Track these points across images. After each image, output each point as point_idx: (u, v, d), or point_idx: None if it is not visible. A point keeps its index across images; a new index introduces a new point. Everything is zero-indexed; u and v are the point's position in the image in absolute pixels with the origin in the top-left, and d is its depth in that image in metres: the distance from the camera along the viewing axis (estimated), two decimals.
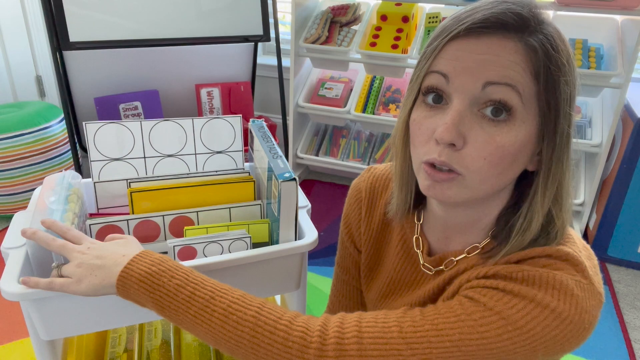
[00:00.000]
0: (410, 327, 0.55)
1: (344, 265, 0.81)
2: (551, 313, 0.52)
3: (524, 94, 0.52)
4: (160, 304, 0.57)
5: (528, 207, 0.57)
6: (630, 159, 1.88)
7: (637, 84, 2.14)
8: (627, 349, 1.62)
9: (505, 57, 0.51)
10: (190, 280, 0.58)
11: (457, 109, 0.53)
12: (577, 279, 0.54)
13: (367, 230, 0.75)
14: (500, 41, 0.51)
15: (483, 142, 0.52)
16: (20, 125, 2.05)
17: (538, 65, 0.51)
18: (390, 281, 0.73)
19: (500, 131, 0.52)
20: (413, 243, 0.69)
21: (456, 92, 0.53)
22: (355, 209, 0.77)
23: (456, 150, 0.53)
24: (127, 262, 0.59)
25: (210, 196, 0.83)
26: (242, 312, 0.56)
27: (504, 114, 0.52)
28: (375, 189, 0.75)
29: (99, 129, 0.80)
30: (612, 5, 1.76)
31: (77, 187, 0.82)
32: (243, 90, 2.38)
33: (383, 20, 2.23)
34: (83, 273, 0.59)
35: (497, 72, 0.51)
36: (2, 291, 0.63)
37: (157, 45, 2.07)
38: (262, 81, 2.75)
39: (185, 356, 0.90)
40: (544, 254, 0.56)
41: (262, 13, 2.17)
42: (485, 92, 0.52)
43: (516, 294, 0.53)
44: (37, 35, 2.61)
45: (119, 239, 0.66)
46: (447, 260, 0.65)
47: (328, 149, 2.48)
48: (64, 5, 1.82)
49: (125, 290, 0.59)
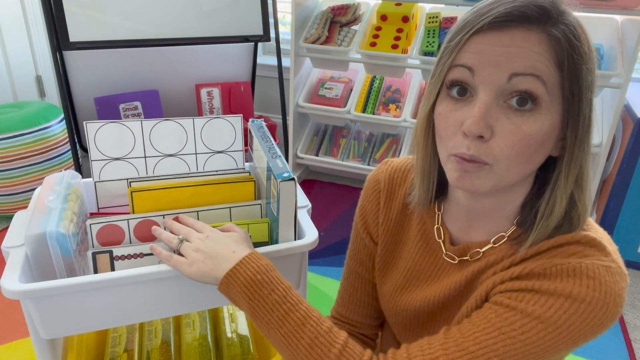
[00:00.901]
0: (455, 350, 0.56)
1: (358, 257, 0.81)
2: (588, 305, 0.53)
3: (548, 84, 0.53)
4: (255, 313, 0.62)
5: (551, 192, 0.58)
6: (630, 159, 1.88)
7: (637, 84, 2.14)
8: (627, 349, 1.62)
9: (530, 49, 0.52)
10: (287, 299, 0.61)
11: (484, 101, 0.54)
12: (607, 264, 0.55)
13: (385, 221, 0.75)
14: (524, 33, 0.52)
15: (510, 132, 0.53)
16: (20, 125, 2.05)
17: (562, 55, 0.53)
18: (408, 273, 0.73)
19: (526, 121, 0.53)
20: (434, 233, 0.70)
21: (482, 84, 0.54)
22: (373, 200, 0.77)
23: (484, 142, 0.54)
24: (236, 261, 0.63)
25: (211, 196, 0.83)
26: (327, 347, 0.59)
27: (530, 103, 0.53)
28: (394, 180, 0.75)
29: (100, 128, 0.80)
30: (612, 5, 1.76)
31: (77, 187, 0.82)
32: (243, 90, 2.38)
33: (383, 20, 2.23)
34: (196, 258, 0.65)
35: (522, 63, 0.52)
36: (3, 289, 0.63)
37: (157, 45, 2.07)
38: (262, 81, 2.75)
39: (185, 356, 0.90)
40: (572, 240, 0.58)
41: (262, 13, 2.17)
42: (511, 84, 0.53)
43: (552, 293, 0.55)
44: (37, 35, 2.61)
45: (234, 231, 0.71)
46: (472, 251, 0.65)
47: (328, 149, 2.48)
48: (64, 5, 1.82)
49: (227, 289, 0.63)
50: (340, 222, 2.25)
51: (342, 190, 2.53)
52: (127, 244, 0.77)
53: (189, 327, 0.96)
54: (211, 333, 0.95)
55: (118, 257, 0.74)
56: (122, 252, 0.74)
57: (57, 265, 0.70)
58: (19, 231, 0.73)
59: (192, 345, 0.92)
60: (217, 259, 0.64)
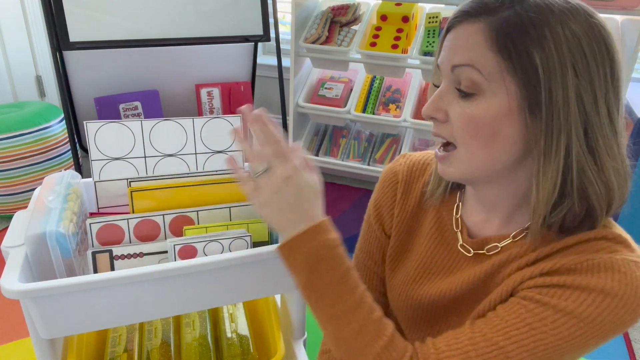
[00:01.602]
0: (484, 345, 0.56)
1: (368, 249, 0.82)
2: (620, 300, 0.54)
3: (484, 70, 0.56)
4: (310, 285, 0.60)
5: (536, 185, 0.58)
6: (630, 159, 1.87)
7: (637, 84, 2.14)
8: (627, 349, 1.62)
9: (466, 41, 0.58)
10: (345, 280, 0.60)
11: (440, 89, 0.62)
12: (635, 260, 0.56)
13: (401, 212, 0.76)
14: (466, 27, 0.58)
15: (458, 114, 0.59)
16: (20, 125, 2.05)
17: (503, 40, 0.55)
18: (421, 264, 0.73)
19: (470, 104, 0.58)
20: (451, 224, 0.71)
21: (442, 76, 0.62)
22: (389, 192, 0.78)
23: (442, 123, 0.62)
24: (308, 226, 0.59)
25: (211, 195, 0.83)
26: (373, 338, 0.58)
27: (470, 89, 0.58)
28: (413, 172, 0.77)
29: (100, 128, 0.80)
30: (612, 5, 1.76)
31: (77, 187, 0.82)
32: (243, 90, 2.39)
33: (383, 20, 2.23)
34: (272, 200, 0.60)
35: (460, 55, 0.58)
36: (3, 289, 0.63)
37: (157, 45, 2.07)
38: (262, 81, 2.75)
39: (185, 356, 0.90)
40: (599, 236, 0.59)
41: (262, 13, 2.17)
42: (454, 74, 0.59)
43: (584, 288, 0.55)
44: (37, 35, 2.61)
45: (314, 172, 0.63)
46: (489, 245, 0.66)
47: (328, 149, 2.48)
48: (64, 5, 1.82)
49: (288, 252, 0.61)
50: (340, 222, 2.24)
51: (342, 190, 2.53)
52: (127, 243, 0.77)
53: (189, 327, 0.96)
54: (211, 333, 0.95)
55: (118, 257, 0.74)
56: (121, 251, 0.74)
57: (57, 265, 0.70)
58: (18, 231, 0.73)
59: (192, 345, 0.92)
60: (293, 214, 0.60)
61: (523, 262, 0.62)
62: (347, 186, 2.56)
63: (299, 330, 0.92)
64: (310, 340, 0.92)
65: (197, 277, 0.72)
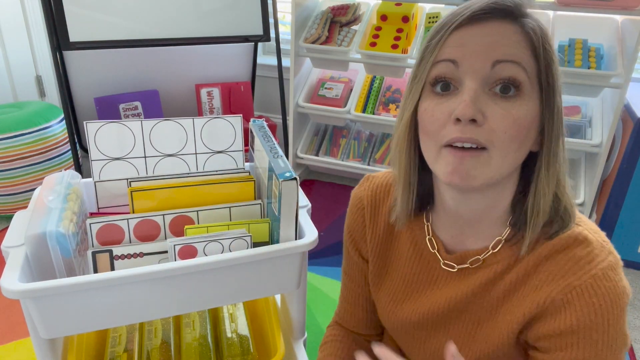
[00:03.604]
0: None
1: (351, 273, 0.81)
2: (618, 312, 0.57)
3: (528, 71, 0.55)
4: None
5: (536, 187, 0.59)
6: (630, 159, 1.88)
7: (637, 84, 2.14)
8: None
9: (509, 38, 0.55)
10: None
11: (472, 87, 0.55)
12: (611, 262, 0.58)
13: (373, 238, 0.75)
14: (502, 24, 0.55)
15: (501, 116, 0.55)
16: (20, 125, 2.05)
17: (537, 46, 0.55)
18: (403, 285, 0.72)
19: (513, 105, 0.55)
20: (426, 244, 0.69)
21: (466, 74, 0.55)
22: (358, 218, 0.77)
23: (478, 126, 0.55)
24: None
25: (211, 195, 0.83)
26: None
27: (513, 90, 0.55)
28: (377, 195, 0.75)
29: (100, 128, 0.80)
30: (612, 5, 1.76)
31: (77, 187, 0.82)
32: (243, 90, 2.38)
33: (383, 20, 2.23)
34: None
35: (503, 51, 0.54)
36: (3, 289, 0.63)
37: (157, 45, 2.07)
38: (262, 81, 2.75)
39: (185, 356, 0.90)
40: (571, 242, 0.60)
41: (262, 13, 2.17)
42: (494, 71, 0.55)
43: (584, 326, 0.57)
44: (37, 35, 2.61)
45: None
46: (471, 259, 0.65)
47: (328, 149, 2.48)
48: (64, 5, 1.82)
49: None
50: (340, 222, 2.25)
51: (342, 190, 2.53)
52: (127, 243, 0.77)
53: (189, 327, 0.96)
54: (211, 333, 0.95)
55: (118, 257, 0.74)
56: (121, 251, 0.74)
57: (57, 264, 0.70)
58: (18, 231, 0.73)
59: (192, 345, 0.92)
60: None
61: (513, 278, 0.62)
62: (347, 186, 2.56)
63: (299, 330, 0.92)
64: (310, 340, 0.92)
65: (197, 277, 0.72)
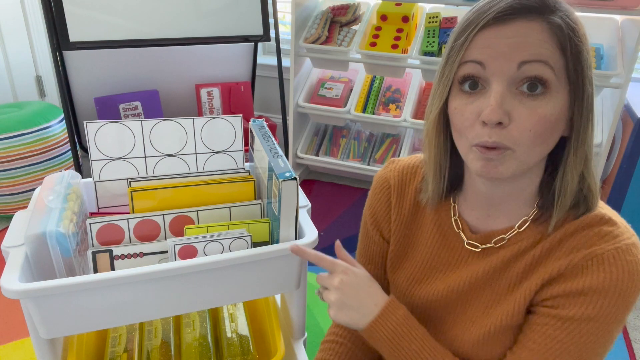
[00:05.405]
0: None
1: (368, 255, 0.83)
2: (634, 288, 0.60)
3: (555, 67, 0.57)
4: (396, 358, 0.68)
5: (564, 171, 0.62)
6: (630, 159, 1.88)
7: (637, 84, 2.14)
8: (627, 349, 1.62)
9: (534, 37, 0.56)
10: (425, 347, 0.67)
11: (498, 91, 0.57)
12: (633, 241, 0.61)
13: (398, 218, 0.77)
14: (526, 24, 0.56)
15: (527, 115, 0.57)
16: (20, 125, 2.05)
17: (563, 40, 0.56)
18: (424, 264, 0.74)
19: (539, 104, 0.57)
20: (451, 225, 0.72)
21: (493, 75, 0.57)
22: (383, 198, 0.78)
23: (503, 128, 0.57)
24: (377, 314, 0.68)
25: (211, 195, 0.83)
26: None
27: (540, 87, 0.57)
28: (404, 176, 0.77)
29: (100, 128, 0.80)
30: (612, 5, 1.76)
31: (77, 187, 0.82)
32: (243, 90, 2.39)
33: (383, 20, 2.23)
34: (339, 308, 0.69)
35: (528, 51, 0.56)
36: (3, 289, 0.63)
37: (157, 45, 2.07)
38: (262, 81, 2.76)
39: (185, 356, 0.90)
40: (597, 220, 0.62)
41: (262, 13, 2.17)
42: (520, 71, 0.56)
43: (599, 290, 0.60)
44: (37, 35, 2.61)
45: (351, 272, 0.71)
46: (496, 238, 0.68)
47: (328, 149, 2.48)
48: (64, 5, 1.82)
49: (370, 337, 0.69)
50: (340, 222, 2.25)
51: (342, 190, 2.53)
52: (127, 243, 0.77)
53: (189, 327, 0.96)
54: (211, 333, 0.95)
55: (118, 257, 0.74)
56: (121, 251, 0.74)
57: (57, 264, 0.70)
58: (18, 231, 0.73)
59: (192, 345, 0.92)
60: (359, 313, 0.68)
61: (537, 253, 0.64)
62: (347, 186, 2.56)
63: (299, 330, 0.92)
64: (310, 340, 0.92)
65: (197, 277, 0.72)
